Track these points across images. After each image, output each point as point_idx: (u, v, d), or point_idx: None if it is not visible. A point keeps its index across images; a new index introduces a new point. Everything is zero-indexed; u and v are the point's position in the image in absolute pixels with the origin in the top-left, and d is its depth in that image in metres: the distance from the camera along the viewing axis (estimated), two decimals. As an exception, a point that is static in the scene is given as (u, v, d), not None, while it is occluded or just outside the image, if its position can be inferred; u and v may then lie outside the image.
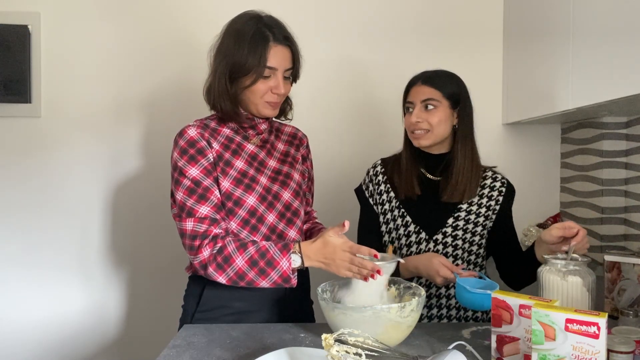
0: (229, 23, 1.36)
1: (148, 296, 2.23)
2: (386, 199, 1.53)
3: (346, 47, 2.25)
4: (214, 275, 1.25)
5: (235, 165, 1.35)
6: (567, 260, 1.19)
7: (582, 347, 0.87)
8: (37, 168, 2.19)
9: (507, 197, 1.54)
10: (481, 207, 1.51)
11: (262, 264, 1.23)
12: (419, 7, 2.27)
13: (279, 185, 1.39)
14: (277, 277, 1.24)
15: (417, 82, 1.50)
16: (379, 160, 1.61)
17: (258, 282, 1.24)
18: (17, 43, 2.12)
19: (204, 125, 1.37)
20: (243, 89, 1.32)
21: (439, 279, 1.34)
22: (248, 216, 1.32)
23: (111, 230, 2.22)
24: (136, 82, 2.21)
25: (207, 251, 1.25)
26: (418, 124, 1.47)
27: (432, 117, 1.46)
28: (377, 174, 1.57)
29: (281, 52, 1.32)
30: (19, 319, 2.19)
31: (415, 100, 1.49)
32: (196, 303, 1.37)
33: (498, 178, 1.56)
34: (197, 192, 1.28)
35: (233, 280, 1.25)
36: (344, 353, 0.92)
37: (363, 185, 1.60)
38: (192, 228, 1.27)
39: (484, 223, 1.50)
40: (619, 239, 2.01)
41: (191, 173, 1.29)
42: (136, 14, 2.21)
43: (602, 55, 1.50)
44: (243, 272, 1.24)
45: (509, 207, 1.55)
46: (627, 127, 2.00)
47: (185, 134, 1.33)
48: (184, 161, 1.30)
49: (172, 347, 1.17)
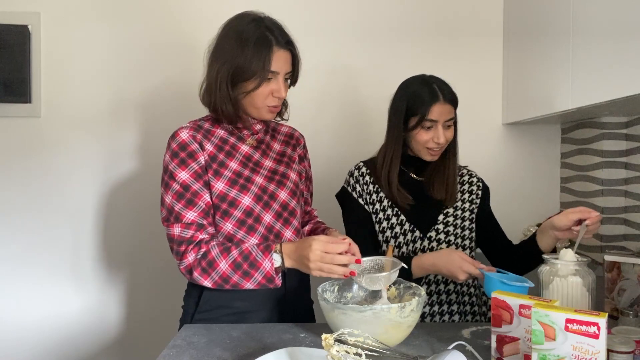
0: (228, 25, 1.34)
1: (148, 296, 2.23)
2: (376, 199, 1.53)
3: (346, 47, 2.25)
4: (200, 280, 1.27)
5: (229, 166, 1.35)
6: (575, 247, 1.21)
7: (582, 347, 0.87)
8: (37, 168, 2.19)
9: (484, 194, 1.60)
10: (465, 202, 1.56)
11: (246, 267, 1.25)
12: (419, 7, 2.26)
13: (275, 185, 1.39)
14: (260, 277, 1.25)
15: (439, 99, 1.44)
16: (360, 162, 1.58)
17: (243, 284, 1.26)
18: (17, 43, 2.12)
19: (197, 126, 1.36)
20: (245, 94, 1.31)
21: (462, 275, 1.31)
22: (244, 217, 1.32)
23: (111, 230, 2.22)
24: (136, 83, 2.21)
25: (192, 256, 1.26)
26: (441, 144, 1.46)
27: (450, 134, 1.48)
28: (363, 175, 1.55)
29: (284, 56, 1.32)
30: (19, 319, 2.19)
31: (439, 119, 1.44)
32: (195, 304, 1.37)
33: (474, 175, 1.62)
34: (186, 197, 1.29)
35: (218, 284, 1.27)
36: (344, 353, 0.92)
37: (348, 187, 1.56)
38: (179, 234, 1.28)
39: (471, 217, 1.54)
40: (619, 239, 2.01)
41: (181, 177, 1.30)
42: (136, 15, 2.21)
43: (602, 55, 1.50)
44: (227, 275, 1.25)
45: (488, 204, 1.60)
46: (627, 127, 2.00)
47: (178, 137, 1.32)
48: (175, 164, 1.31)
49: (172, 347, 1.17)
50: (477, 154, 2.19)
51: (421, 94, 1.45)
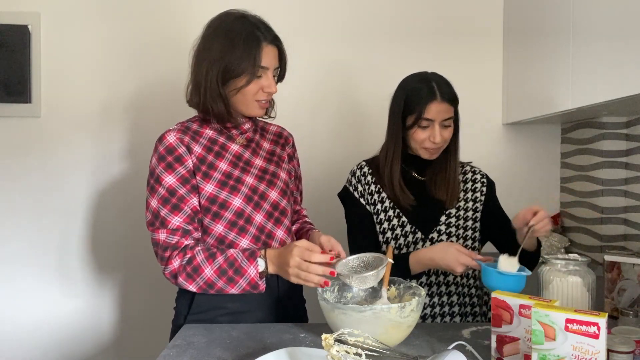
0: (213, 23, 1.33)
1: (141, 297, 2.23)
2: (378, 199, 1.52)
3: (346, 47, 2.25)
4: (184, 284, 1.28)
5: (219, 167, 1.33)
6: (519, 251, 1.26)
7: (582, 347, 0.87)
8: (37, 168, 2.19)
9: (489, 190, 1.57)
10: (467, 201, 1.53)
11: (231, 273, 1.25)
12: (419, 7, 2.27)
13: (266, 184, 1.39)
14: (245, 284, 1.25)
15: (436, 98, 1.41)
16: (362, 161, 1.57)
17: (227, 289, 1.26)
18: (17, 43, 2.13)
19: (185, 128, 1.35)
20: (235, 91, 1.31)
21: (460, 267, 1.31)
22: (235, 218, 1.32)
23: (112, 230, 2.22)
24: (137, 82, 2.21)
25: (177, 262, 1.27)
26: (437, 143, 1.44)
27: (447, 133, 1.45)
28: (365, 175, 1.54)
29: (272, 51, 1.32)
30: (13, 320, 2.19)
31: (436, 118, 1.41)
32: (188, 305, 1.36)
33: (477, 171, 1.59)
34: (171, 202, 1.28)
35: (203, 289, 1.27)
36: (344, 353, 0.92)
37: (350, 186, 1.55)
38: (164, 239, 1.28)
39: (474, 217, 1.52)
40: (619, 239, 2.01)
41: (167, 181, 1.29)
42: (137, 15, 2.21)
43: (602, 55, 1.50)
44: (212, 281, 1.26)
45: (494, 196, 1.58)
46: (627, 127, 2.00)
47: (165, 140, 1.31)
48: (161, 168, 1.29)
49: (172, 347, 1.17)
50: (477, 154, 2.17)
51: (419, 91, 1.43)
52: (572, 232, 2.23)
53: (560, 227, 2.30)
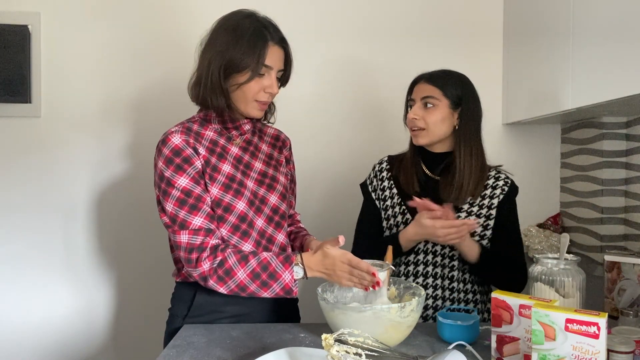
0: (223, 19, 1.34)
1: (142, 297, 2.23)
2: (389, 195, 1.54)
3: (346, 47, 2.25)
4: (215, 287, 1.25)
5: (222, 170, 1.32)
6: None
7: (582, 347, 0.87)
8: (37, 168, 2.19)
9: (508, 195, 1.49)
10: (482, 207, 1.49)
11: (265, 277, 1.23)
12: (419, 7, 2.27)
13: (266, 189, 1.38)
14: (279, 289, 1.24)
15: (421, 80, 1.51)
16: (386, 156, 1.62)
17: (260, 293, 1.24)
18: (17, 43, 2.12)
19: (186, 129, 1.32)
20: (236, 86, 1.29)
21: (441, 231, 1.33)
22: (238, 222, 1.30)
23: (112, 230, 2.22)
24: (137, 82, 2.21)
25: (207, 264, 1.23)
26: (415, 121, 1.48)
27: (429, 115, 1.46)
28: (382, 170, 1.58)
29: (278, 52, 1.31)
30: (14, 320, 2.19)
31: (416, 97, 1.50)
32: (187, 308, 1.35)
33: (501, 177, 1.52)
34: (189, 203, 1.25)
35: (234, 292, 1.25)
36: (344, 353, 0.92)
37: (368, 180, 1.60)
38: (187, 241, 1.24)
39: (485, 223, 1.48)
40: (619, 239, 2.01)
41: (180, 183, 1.26)
42: (137, 15, 2.21)
43: (602, 55, 1.50)
44: (245, 284, 1.23)
45: (509, 206, 1.50)
46: (627, 127, 2.00)
47: (170, 142, 1.28)
48: (171, 171, 1.26)
49: (172, 347, 1.17)
50: (477, 154, 2.19)
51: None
52: (572, 232, 2.23)
53: (561, 227, 2.30)
